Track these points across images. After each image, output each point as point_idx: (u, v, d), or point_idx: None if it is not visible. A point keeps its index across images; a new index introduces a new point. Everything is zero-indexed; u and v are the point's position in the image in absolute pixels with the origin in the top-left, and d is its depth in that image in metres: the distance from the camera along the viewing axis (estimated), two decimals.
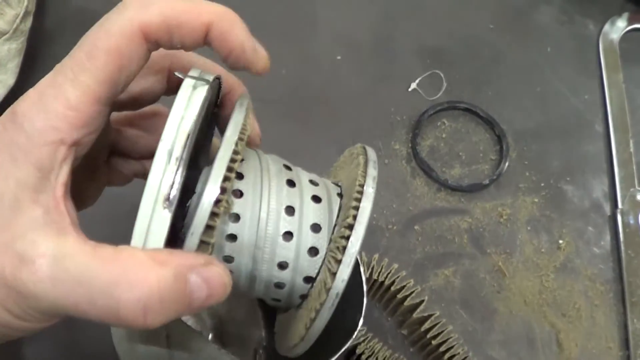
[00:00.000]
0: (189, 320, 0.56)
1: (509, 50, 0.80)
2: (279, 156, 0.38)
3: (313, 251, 0.34)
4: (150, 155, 0.30)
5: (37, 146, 0.28)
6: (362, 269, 0.45)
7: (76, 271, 0.27)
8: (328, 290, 0.31)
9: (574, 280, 0.68)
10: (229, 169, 0.30)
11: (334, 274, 0.31)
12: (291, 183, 0.35)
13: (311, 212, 0.34)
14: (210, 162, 0.31)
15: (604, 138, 0.76)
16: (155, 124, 0.40)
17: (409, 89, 0.75)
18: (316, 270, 0.34)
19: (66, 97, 0.29)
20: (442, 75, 0.76)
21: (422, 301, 0.60)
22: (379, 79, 0.75)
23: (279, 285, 0.35)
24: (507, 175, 0.72)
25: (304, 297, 0.35)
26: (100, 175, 0.40)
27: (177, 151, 0.29)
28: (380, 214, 0.67)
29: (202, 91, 0.31)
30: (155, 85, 0.37)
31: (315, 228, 0.34)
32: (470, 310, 0.65)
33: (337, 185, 0.37)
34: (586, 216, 0.71)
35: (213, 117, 0.38)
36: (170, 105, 0.31)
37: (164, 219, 0.28)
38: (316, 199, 0.35)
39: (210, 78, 0.32)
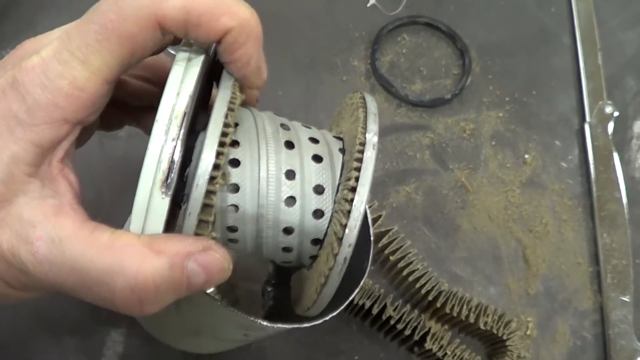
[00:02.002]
0: None
1: None
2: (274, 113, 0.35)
3: (318, 213, 0.32)
4: (150, 105, 0.30)
5: (38, 123, 0.27)
6: (368, 214, 0.43)
7: (72, 257, 0.27)
8: (335, 255, 0.30)
9: (541, 196, 0.66)
10: (221, 144, 0.28)
11: (340, 239, 0.30)
12: (290, 144, 0.32)
13: (313, 174, 0.32)
14: (206, 127, 0.29)
15: (572, 51, 0.73)
16: (157, 75, 0.37)
17: (368, 4, 0.71)
18: (323, 232, 0.32)
19: (74, 77, 0.27)
20: None
21: (380, 216, 0.57)
22: None
23: (287, 249, 0.33)
24: (470, 90, 0.69)
25: (314, 257, 0.34)
26: (94, 123, 0.37)
27: (174, 132, 0.27)
28: None
29: (197, 64, 0.29)
30: (162, 40, 0.34)
31: (318, 189, 0.32)
32: (432, 227, 0.62)
33: (338, 138, 0.35)
34: (553, 130, 0.69)
35: (211, 72, 0.35)
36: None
37: (161, 205, 0.27)
38: (317, 158, 0.33)
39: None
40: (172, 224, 0.30)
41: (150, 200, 0.27)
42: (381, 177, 0.63)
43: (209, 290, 0.54)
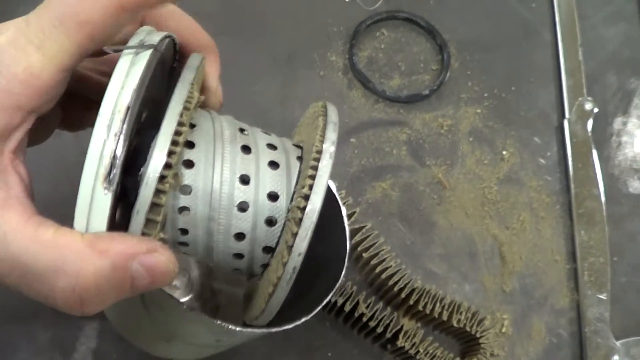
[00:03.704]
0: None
1: None
2: (233, 117, 0.35)
3: (271, 221, 0.32)
4: None
5: None
6: (344, 214, 0.43)
7: (16, 252, 0.26)
8: (285, 264, 0.30)
9: (519, 192, 0.65)
10: (174, 143, 0.28)
11: (290, 247, 0.30)
12: (246, 149, 0.32)
13: (268, 180, 0.32)
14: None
15: (552, 47, 0.73)
16: None
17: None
18: (275, 240, 0.32)
19: (29, 63, 0.27)
20: None
21: (354, 212, 0.56)
22: None
23: (238, 256, 0.33)
24: (448, 86, 0.68)
25: (265, 266, 0.33)
26: (53, 118, 0.36)
27: (116, 126, 0.27)
28: None
29: (144, 58, 0.28)
30: (127, 34, 0.33)
31: (273, 197, 0.32)
32: (408, 223, 0.62)
33: (298, 147, 0.35)
34: (532, 127, 0.68)
35: (174, 73, 0.35)
36: None
37: (104, 201, 0.27)
38: (273, 164, 0.32)
39: (157, 39, 0.29)
40: (124, 225, 0.29)
41: (93, 196, 0.27)
42: (357, 172, 0.63)
43: (185, 299, 0.54)
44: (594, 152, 0.67)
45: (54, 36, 0.27)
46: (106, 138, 0.27)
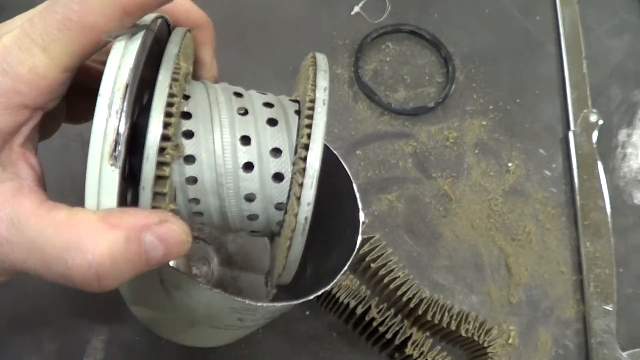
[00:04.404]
0: (194, 258, 0.56)
1: None
2: (228, 83, 0.35)
3: (278, 177, 0.32)
4: None
5: None
6: (354, 186, 0.44)
7: (31, 236, 0.27)
8: (296, 215, 0.30)
9: (524, 204, 0.66)
10: (168, 114, 0.28)
11: (298, 199, 0.30)
12: (243, 111, 0.32)
13: (268, 137, 0.32)
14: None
15: (556, 59, 0.73)
16: None
17: (352, 12, 0.71)
18: (285, 196, 0.32)
19: (34, 64, 0.28)
20: None
21: (362, 223, 0.57)
22: (320, 2, 0.72)
23: (252, 217, 0.33)
24: (453, 98, 0.69)
25: (281, 224, 0.34)
26: (59, 112, 0.37)
27: (117, 104, 0.27)
28: None
29: (138, 37, 0.29)
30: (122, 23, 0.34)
31: (276, 153, 0.32)
32: (414, 235, 0.62)
33: (295, 101, 0.35)
34: (537, 139, 0.69)
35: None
36: None
37: (112, 177, 0.27)
38: (272, 121, 0.32)
39: (149, 20, 0.30)
40: (135, 204, 0.30)
41: (101, 174, 0.27)
42: (363, 185, 0.63)
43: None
44: (599, 164, 0.67)
45: (58, 38, 0.28)
46: (108, 116, 0.27)
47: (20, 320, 0.53)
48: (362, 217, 0.41)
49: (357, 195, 0.44)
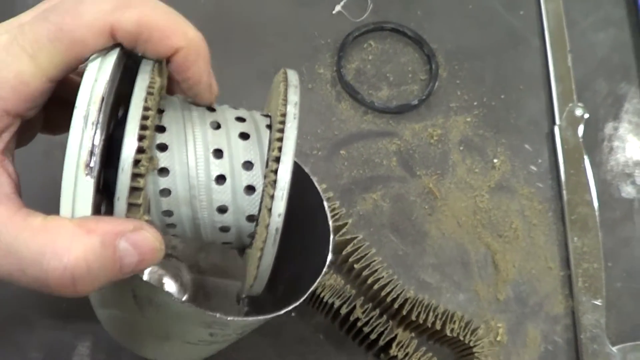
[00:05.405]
0: (166, 275, 0.56)
1: None
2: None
3: (250, 189, 0.33)
4: None
5: None
6: (326, 206, 0.44)
7: (7, 241, 0.27)
8: (267, 226, 0.31)
9: (510, 200, 0.65)
10: (143, 127, 0.29)
11: (269, 210, 0.31)
12: (216, 125, 0.33)
13: (240, 151, 0.33)
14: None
15: (541, 54, 0.73)
16: None
17: (334, 11, 0.71)
18: (257, 208, 0.33)
19: (20, 70, 0.28)
20: None
21: (346, 223, 0.56)
22: (301, 2, 0.71)
23: (225, 229, 0.34)
24: (437, 95, 0.68)
25: (252, 236, 0.35)
26: (36, 122, 0.37)
27: (93, 116, 0.28)
28: (304, 140, 0.64)
29: (115, 52, 0.30)
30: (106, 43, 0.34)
31: (248, 166, 0.33)
32: (400, 234, 0.62)
33: (266, 116, 0.36)
34: (523, 134, 0.68)
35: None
36: None
37: (87, 186, 0.28)
38: (244, 135, 0.33)
39: None
40: (109, 215, 0.31)
41: (76, 183, 0.28)
42: (347, 184, 0.63)
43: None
44: (586, 158, 0.67)
45: (47, 49, 0.28)
46: (84, 128, 0.28)
47: (5, 330, 0.53)
48: (329, 257, 0.42)
49: (328, 213, 0.44)
